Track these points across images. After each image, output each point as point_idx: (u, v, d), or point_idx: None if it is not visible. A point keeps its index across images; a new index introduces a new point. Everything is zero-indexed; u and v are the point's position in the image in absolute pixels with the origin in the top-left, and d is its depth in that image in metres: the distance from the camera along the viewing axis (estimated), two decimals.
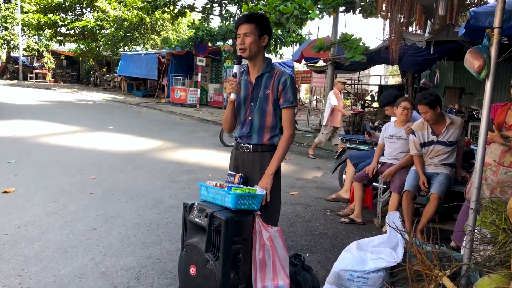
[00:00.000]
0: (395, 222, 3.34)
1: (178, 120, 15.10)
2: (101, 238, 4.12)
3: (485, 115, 2.67)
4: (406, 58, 10.46)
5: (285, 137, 2.74)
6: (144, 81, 25.52)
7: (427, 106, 4.36)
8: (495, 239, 2.57)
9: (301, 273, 2.80)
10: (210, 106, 20.30)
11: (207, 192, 2.68)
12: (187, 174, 6.87)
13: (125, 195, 5.52)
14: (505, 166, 3.78)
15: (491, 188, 3.87)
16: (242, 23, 2.70)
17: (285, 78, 2.72)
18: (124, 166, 7.19)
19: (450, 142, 4.51)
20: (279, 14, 10.98)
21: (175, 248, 3.97)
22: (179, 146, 9.47)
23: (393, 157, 4.92)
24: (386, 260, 3.09)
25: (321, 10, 10.50)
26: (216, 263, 2.46)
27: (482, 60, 2.57)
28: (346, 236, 4.59)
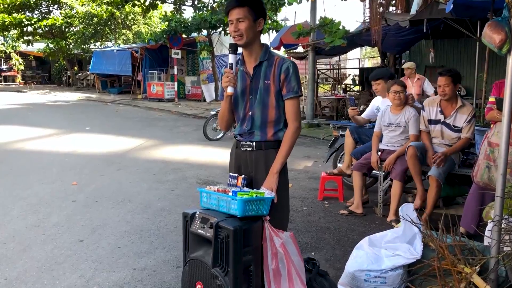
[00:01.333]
0: (409, 215, 3.12)
1: (157, 116, 14.68)
2: (89, 251, 3.80)
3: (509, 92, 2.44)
4: (387, 39, 10.26)
5: (290, 131, 2.46)
6: (119, 78, 24.88)
7: (450, 79, 4.22)
8: None
9: (317, 279, 2.55)
10: (189, 100, 19.85)
11: (209, 199, 2.38)
12: (174, 173, 6.55)
13: (111, 201, 5.18)
14: None
15: None
16: (233, 7, 2.38)
17: (287, 65, 2.43)
18: (106, 168, 6.83)
19: (456, 127, 4.34)
20: None
21: (171, 257, 3.69)
22: (162, 144, 9.11)
23: (392, 144, 4.71)
24: (404, 256, 2.87)
25: None
26: (226, 279, 2.18)
27: (504, 34, 2.32)
28: (350, 229, 4.37)
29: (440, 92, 4.41)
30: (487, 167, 3.74)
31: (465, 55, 12.54)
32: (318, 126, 11.69)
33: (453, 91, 4.34)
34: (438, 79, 4.41)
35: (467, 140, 4.32)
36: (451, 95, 4.36)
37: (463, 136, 4.32)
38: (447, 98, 4.38)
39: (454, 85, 4.31)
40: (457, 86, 4.36)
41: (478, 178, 3.82)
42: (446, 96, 4.37)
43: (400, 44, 10.49)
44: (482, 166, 3.78)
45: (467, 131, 4.32)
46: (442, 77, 4.34)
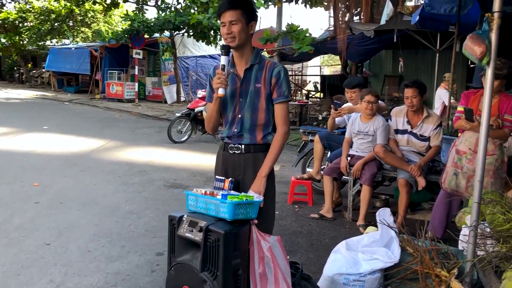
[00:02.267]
0: (387, 219, 3.20)
1: (117, 117, 14.35)
2: (58, 255, 3.66)
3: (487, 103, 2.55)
4: (351, 47, 10.48)
5: (279, 135, 2.47)
6: (76, 77, 24.13)
7: (417, 90, 4.36)
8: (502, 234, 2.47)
9: (301, 283, 2.56)
10: (149, 101, 19.50)
11: (196, 202, 2.35)
12: (139, 175, 6.41)
13: (76, 203, 5.02)
14: None
15: (467, 177, 3.84)
16: (226, 9, 2.36)
17: (279, 69, 2.44)
18: (69, 169, 6.60)
19: (423, 137, 4.50)
20: None
21: (144, 261, 3.61)
22: (124, 145, 8.90)
23: (361, 150, 4.81)
24: (382, 260, 2.93)
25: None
26: (214, 283, 2.15)
27: (484, 46, 2.43)
28: (321, 233, 4.42)
29: (408, 103, 4.55)
30: (455, 174, 3.89)
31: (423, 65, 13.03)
32: None
33: (420, 103, 4.49)
34: (405, 90, 4.55)
35: (438, 148, 4.48)
36: (418, 106, 4.51)
37: (433, 144, 4.47)
38: (414, 109, 4.53)
39: (421, 96, 4.47)
40: (424, 97, 4.51)
41: (446, 184, 3.97)
42: (414, 107, 4.52)
43: (363, 53, 10.75)
44: (450, 173, 3.93)
45: (436, 139, 4.48)
46: (409, 89, 4.49)
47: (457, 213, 4.05)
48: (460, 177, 3.86)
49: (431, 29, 7.59)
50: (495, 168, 3.76)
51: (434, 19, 6.38)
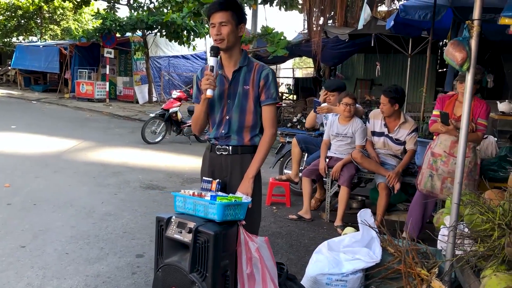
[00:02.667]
0: (368, 220, 3.27)
1: (88, 117, 14.07)
2: (34, 258, 3.57)
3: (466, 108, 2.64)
4: (325, 51, 10.63)
5: (267, 136, 2.49)
6: (44, 75, 23.50)
7: (387, 99, 4.44)
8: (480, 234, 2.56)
9: (287, 283, 2.59)
10: (120, 101, 19.16)
11: (184, 203, 2.35)
12: (115, 177, 6.31)
13: (50, 204, 4.90)
14: (455, 156, 3.84)
15: (442, 178, 3.96)
16: (216, 11, 2.37)
17: (267, 72, 2.46)
18: (41, 170, 6.44)
19: (398, 141, 4.60)
20: (198, 4, 10.62)
21: (124, 263, 3.56)
22: (98, 146, 8.74)
23: (339, 152, 4.88)
24: (364, 260, 2.99)
25: (242, 1, 10.29)
26: (203, 284, 2.15)
27: (465, 53, 2.52)
28: (300, 233, 4.47)
29: (380, 108, 4.66)
30: (430, 176, 4.01)
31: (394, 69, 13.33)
32: None
33: (391, 111, 4.56)
34: (381, 96, 4.66)
35: (413, 151, 4.58)
36: (388, 113, 4.60)
37: (409, 147, 4.58)
38: (385, 115, 4.64)
39: (391, 105, 4.54)
40: (395, 106, 4.53)
41: (421, 186, 4.08)
42: (384, 114, 4.63)
43: (337, 56, 10.91)
44: (426, 175, 4.04)
45: (411, 143, 4.59)
46: (382, 96, 4.60)
47: (432, 213, 4.18)
48: (435, 178, 3.98)
49: (404, 34, 7.80)
50: (468, 170, 3.89)
51: (408, 25, 6.56)
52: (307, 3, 9.14)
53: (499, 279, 2.12)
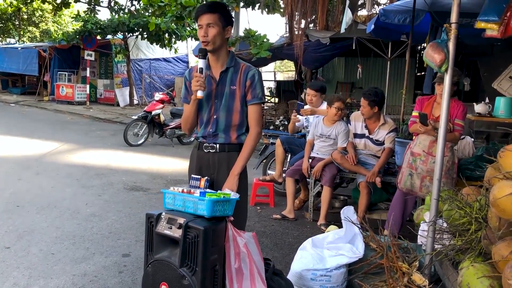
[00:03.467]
0: (350, 217, 3.36)
1: (68, 119, 13.94)
2: (19, 258, 3.57)
3: (445, 107, 2.76)
4: (307, 54, 10.74)
5: (252, 135, 2.57)
6: (22, 77, 23.16)
7: (366, 102, 4.55)
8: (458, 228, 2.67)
9: (273, 278, 2.65)
10: (101, 103, 19.03)
11: (174, 200, 2.40)
12: (98, 178, 6.30)
13: (34, 206, 4.88)
14: (433, 155, 3.98)
15: (421, 177, 4.09)
16: (204, 13, 2.44)
17: (253, 72, 2.54)
18: (23, 172, 6.39)
19: (378, 142, 4.72)
20: (180, 7, 10.65)
21: (111, 262, 3.59)
22: (79, 148, 8.69)
23: (322, 153, 4.98)
24: (347, 256, 3.08)
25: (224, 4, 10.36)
26: (193, 278, 2.21)
27: (443, 54, 2.64)
28: (284, 232, 4.55)
29: (360, 110, 4.79)
30: (410, 175, 4.14)
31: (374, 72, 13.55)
32: None
33: (371, 113, 4.69)
34: (361, 99, 4.78)
35: (390, 150, 4.70)
36: (368, 115, 4.72)
37: (386, 146, 4.70)
38: (365, 117, 4.76)
39: (371, 108, 4.67)
40: (375, 108, 4.66)
41: (401, 184, 4.20)
42: (364, 116, 4.76)
43: (318, 59, 11.04)
44: (406, 174, 4.17)
45: (388, 142, 4.71)
46: (363, 99, 4.72)
47: (412, 211, 4.31)
48: (415, 177, 4.11)
49: (384, 38, 7.96)
50: (446, 168, 4.02)
51: (387, 29, 6.71)
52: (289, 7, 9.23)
53: (476, 269, 2.23)
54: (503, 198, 2.06)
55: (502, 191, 2.08)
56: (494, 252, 2.19)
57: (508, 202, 2.05)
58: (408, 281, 2.64)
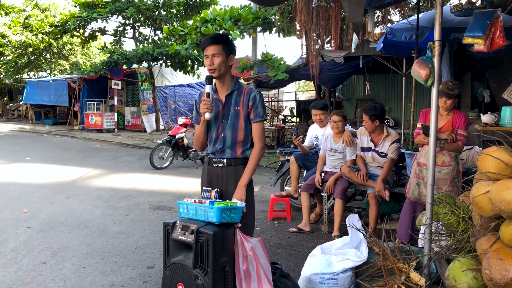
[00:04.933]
0: (355, 224, 3.59)
1: (98, 146, 14.55)
2: (54, 272, 3.91)
3: (433, 118, 2.99)
4: (323, 73, 11.05)
5: (256, 150, 2.86)
6: (53, 109, 24.24)
7: (367, 117, 4.79)
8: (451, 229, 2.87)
9: (281, 280, 2.90)
10: (128, 130, 19.75)
11: (187, 210, 2.70)
12: (125, 200, 6.68)
13: (66, 226, 5.26)
14: (438, 165, 4.18)
15: None
16: (209, 44, 2.79)
17: (255, 94, 2.85)
18: (55, 197, 6.82)
19: (383, 154, 4.93)
20: (200, 35, 11.14)
21: (136, 274, 3.89)
22: (108, 173, 9.15)
23: (333, 167, 5.22)
24: (352, 260, 3.30)
25: (242, 30, 10.82)
26: (205, 278, 2.48)
27: (428, 70, 2.89)
28: (300, 244, 4.77)
29: (363, 125, 5.02)
30: (417, 184, 4.33)
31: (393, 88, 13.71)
32: None
33: (373, 127, 4.91)
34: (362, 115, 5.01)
35: (392, 160, 4.87)
36: (370, 129, 4.95)
37: (389, 156, 4.89)
38: (368, 131, 4.99)
39: (372, 122, 4.89)
40: (376, 122, 4.88)
41: (410, 194, 4.40)
42: (367, 130, 4.99)
43: (335, 78, 11.31)
44: (413, 184, 4.36)
45: (391, 152, 4.91)
46: (364, 114, 4.96)
47: None
48: (422, 186, 4.29)
49: (395, 54, 8.20)
50: (451, 177, 4.20)
51: (396, 46, 6.95)
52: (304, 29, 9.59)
53: (461, 263, 2.43)
54: (479, 196, 2.28)
55: (479, 191, 2.30)
56: (477, 247, 2.39)
57: (485, 200, 2.26)
58: (406, 279, 2.84)
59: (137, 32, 19.22)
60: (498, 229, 2.28)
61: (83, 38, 19.26)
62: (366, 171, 4.93)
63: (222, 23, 10.68)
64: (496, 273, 2.10)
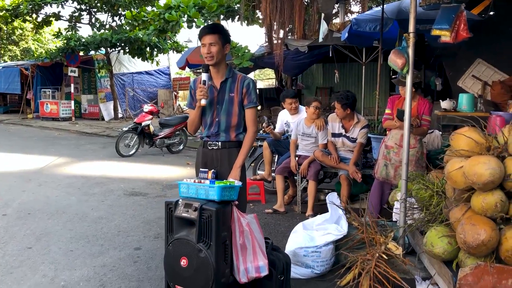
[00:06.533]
0: (334, 201, 3.88)
1: (56, 135, 14.22)
2: (42, 256, 3.98)
3: (408, 103, 3.30)
4: (286, 62, 11.33)
5: (249, 134, 3.07)
6: (3, 96, 23.27)
7: (340, 105, 5.09)
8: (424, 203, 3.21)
9: (272, 253, 3.14)
10: (86, 119, 19.29)
11: (188, 189, 2.87)
12: (98, 187, 6.71)
13: (44, 213, 5.27)
14: None
15: (395, 167, 4.61)
16: (207, 33, 2.95)
17: (248, 81, 3.05)
18: (25, 185, 6.75)
19: (353, 139, 5.25)
20: (163, 22, 11.11)
21: (125, 255, 4.02)
22: (75, 161, 9.05)
23: (306, 151, 5.51)
24: (333, 234, 3.59)
25: (206, 18, 10.89)
26: (208, 251, 2.68)
27: (404, 59, 3.19)
28: (276, 224, 5.04)
29: (335, 112, 5.32)
30: (385, 165, 4.67)
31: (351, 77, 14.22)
32: None
33: (344, 114, 5.20)
34: (335, 102, 5.31)
35: (361, 144, 5.21)
36: (342, 116, 5.25)
37: (358, 141, 5.22)
38: (340, 118, 5.29)
39: (343, 110, 5.20)
40: (347, 110, 5.17)
41: (378, 174, 4.74)
42: (339, 117, 5.29)
43: (297, 67, 11.64)
44: (381, 165, 4.70)
45: (360, 137, 5.23)
46: (336, 102, 5.25)
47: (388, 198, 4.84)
48: (389, 167, 4.64)
49: (358, 44, 8.58)
50: (416, 158, 4.56)
51: (360, 36, 7.30)
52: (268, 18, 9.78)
53: (437, 231, 2.76)
54: (454, 171, 2.60)
55: (453, 166, 2.62)
56: (451, 216, 2.72)
57: (458, 175, 2.59)
58: (385, 249, 3.15)
59: (93, 18, 18.75)
60: (469, 200, 2.61)
61: (36, 23, 18.57)
62: (337, 155, 5.24)
63: (186, 10, 10.70)
64: (469, 236, 2.43)
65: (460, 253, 2.62)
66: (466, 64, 7.16)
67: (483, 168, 2.40)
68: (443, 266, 2.71)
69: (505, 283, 2.40)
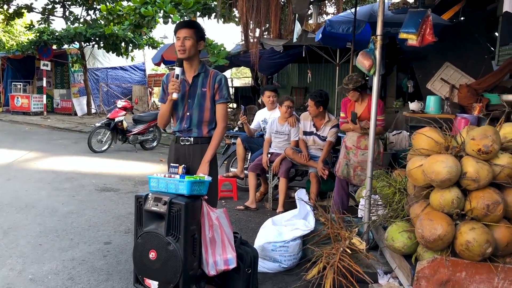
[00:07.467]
0: (303, 197, 3.98)
1: (27, 129, 13.95)
2: (10, 250, 3.95)
3: (374, 104, 3.41)
4: (262, 61, 11.41)
5: (219, 129, 3.13)
6: None
7: (313, 103, 5.18)
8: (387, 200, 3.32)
9: (241, 247, 3.21)
10: (58, 113, 18.97)
11: (158, 183, 2.91)
12: (69, 182, 6.65)
13: (12, 207, 5.22)
14: (361, 148, 4.64)
15: (354, 167, 4.71)
16: (182, 27, 2.99)
17: (220, 77, 3.11)
18: None
19: (324, 137, 5.36)
20: (139, 16, 11.03)
21: (95, 249, 4.03)
22: (45, 155, 8.93)
23: (279, 148, 5.60)
24: (301, 229, 3.68)
25: (182, 14, 10.86)
26: (177, 244, 2.73)
27: (371, 60, 3.30)
28: (247, 220, 5.11)
29: (308, 110, 5.41)
30: (346, 165, 4.78)
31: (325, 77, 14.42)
32: None
33: (317, 112, 5.30)
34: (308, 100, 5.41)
35: (331, 142, 5.31)
36: (314, 114, 5.34)
37: (328, 139, 5.34)
38: (312, 116, 5.39)
39: (317, 108, 5.30)
40: (320, 108, 5.26)
41: (339, 173, 4.85)
42: (311, 115, 5.38)
43: (273, 66, 11.73)
44: (343, 164, 4.81)
45: (331, 135, 5.35)
46: (310, 100, 5.35)
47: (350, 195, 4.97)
48: (349, 167, 4.74)
49: (332, 45, 8.73)
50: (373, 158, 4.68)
51: (334, 37, 7.44)
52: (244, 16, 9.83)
53: (398, 226, 2.88)
54: (414, 169, 2.72)
55: (414, 164, 2.74)
56: (411, 212, 2.84)
57: (418, 172, 2.71)
58: (349, 244, 3.25)
59: (67, 11, 18.44)
60: (428, 197, 2.73)
61: (7, 15, 18.14)
62: (307, 153, 5.34)
63: (162, 5, 10.64)
64: (427, 231, 2.55)
65: (419, 247, 2.74)
66: (435, 67, 7.37)
67: (441, 166, 2.53)
68: (403, 260, 2.83)
69: (459, 275, 2.53)
